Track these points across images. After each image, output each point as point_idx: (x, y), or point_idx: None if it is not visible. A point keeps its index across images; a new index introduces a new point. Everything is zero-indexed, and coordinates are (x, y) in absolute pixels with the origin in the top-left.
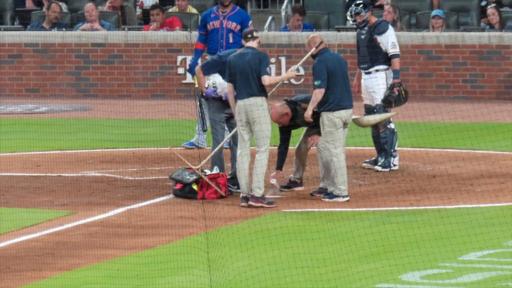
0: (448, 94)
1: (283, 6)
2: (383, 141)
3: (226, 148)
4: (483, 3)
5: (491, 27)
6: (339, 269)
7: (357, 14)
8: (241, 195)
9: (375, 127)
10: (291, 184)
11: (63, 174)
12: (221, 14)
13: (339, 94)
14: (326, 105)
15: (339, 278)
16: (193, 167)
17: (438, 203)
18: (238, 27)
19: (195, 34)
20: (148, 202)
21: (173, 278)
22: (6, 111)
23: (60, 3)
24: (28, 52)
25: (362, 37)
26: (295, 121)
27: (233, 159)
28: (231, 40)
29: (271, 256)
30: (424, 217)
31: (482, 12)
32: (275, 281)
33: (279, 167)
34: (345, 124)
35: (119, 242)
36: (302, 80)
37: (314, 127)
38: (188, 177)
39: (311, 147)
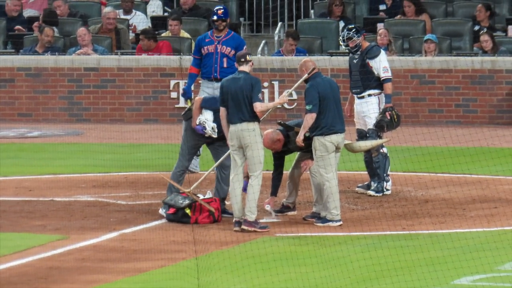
0: (440, 119)
1: (276, 31)
2: (376, 165)
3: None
4: (476, 28)
5: (484, 51)
6: None
7: (349, 39)
8: (234, 219)
9: (368, 151)
10: (284, 209)
11: (56, 199)
12: (215, 39)
13: (331, 118)
14: (318, 129)
15: None
16: (185, 190)
17: (431, 227)
18: (233, 52)
19: (187, 58)
20: (141, 226)
21: None
22: None
23: (53, 28)
24: (21, 76)
25: (355, 61)
26: (287, 146)
27: (218, 182)
28: (225, 65)
29: (263, 282)
30: (417, 242)
31: (475, 37)
32: None
33: (273, 193)
34: (337, 149)
35: (111, 266)
36: (295, 104)
37: (307, 152)
38: (181, 201)
39: (304, 172)
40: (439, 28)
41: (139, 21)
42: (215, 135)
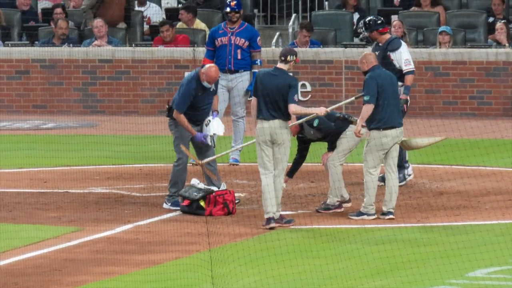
0: (455, 111)
1: (290, 23)
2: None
3: (234, 164)
4: (491, 20)
5: (499, 43)
6: (346, 286)
7: (360, 32)
8: (266, 216)
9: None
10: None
11: (70, 191)
12: (229, 30)
13: (389, 112)
14: (375, 122)
15: None
16: (198, 162)
17: (445, 220)
18: (246, 43)
19: (201, 50)
20: (156, 218)
21: None
22: (13, 127)
23: (67, 19)
24: (35, 68)
25: (376, 53)
26: (302, 133)
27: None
28: (239, 56)
29: (277, 274)
30: (431, 234)
31: (490, 29)
32: None
33: (290, 175)
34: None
35: (126, 258)
36: (309, 96)
37: (326, 142)
38: (195, 193)
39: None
40: (454, 20)
41: (154, 13)
42: (212, 144)
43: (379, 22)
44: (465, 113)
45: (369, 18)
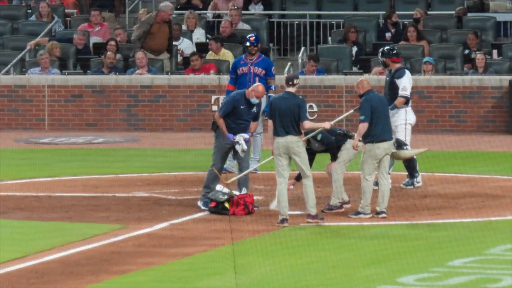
0: (437, 127)
1: (300, 54)
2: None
3: (253, 172)
4: (466, 52)
5: (475, 70)
6: (347, 274)
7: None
8: (280, 217)
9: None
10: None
11: (117, 194)
12: (249, 61)
13: (380, 128)
14: (369, 137)
15: (346, 282)
16: (225, 182)
17: (429, 218)
18: (263, 72)
19: (225, 77)
20: (188, 217)
21: (209, 282)
22: (69, 142)
23: (114, 52)
24: (88, 92)
25: (387, 79)
26: (309, 145)
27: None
28: (257, 83)
29: (289, 264)
30: (417, 230)
31: (466, 59)
32: (295, 284)
33: (298, 179)
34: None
35: (163, 251)
36: (316, 115)
37: (329, 154)
38: (221, 196)
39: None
40: (436, 51)
41: (186, 46)
42: (241, 154)
43: (393, 52)
44: (445, 129)
45: (387, 47)
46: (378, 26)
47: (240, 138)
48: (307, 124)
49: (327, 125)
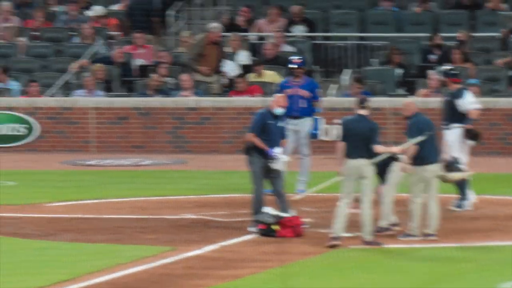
0: (484, 150)
1: (344, 76)
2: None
3: (298, 194)
4: (510, 73)
5: None
6: None
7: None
8: (332, 235)
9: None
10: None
11: (165, 216)
12: (294, 83)
13: (427, 150)
14: (418, 159)
15: None
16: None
17: (478, 240)
18: (308, 94)
19: (269, 99)
20: (237, 239)
21: None
22: (116, 164)
23: (158, 74)
24: (133, 114)
25: (446, 99)
26: None
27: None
28: (303, 105)
29: (338, 286)
30: (466, 253)
31: (510, 81)
32: None
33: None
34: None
35: (213, 273)
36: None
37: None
38: (269, 219)
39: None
40: (481, 74)
41: (230, 68)
42: (277, 168)
43: (454, 72)
44: (492, 151)
45: (450, 67)
46: (421, 48)
47: (278, 152)
48: (379, 149)
49: (398, 149)
